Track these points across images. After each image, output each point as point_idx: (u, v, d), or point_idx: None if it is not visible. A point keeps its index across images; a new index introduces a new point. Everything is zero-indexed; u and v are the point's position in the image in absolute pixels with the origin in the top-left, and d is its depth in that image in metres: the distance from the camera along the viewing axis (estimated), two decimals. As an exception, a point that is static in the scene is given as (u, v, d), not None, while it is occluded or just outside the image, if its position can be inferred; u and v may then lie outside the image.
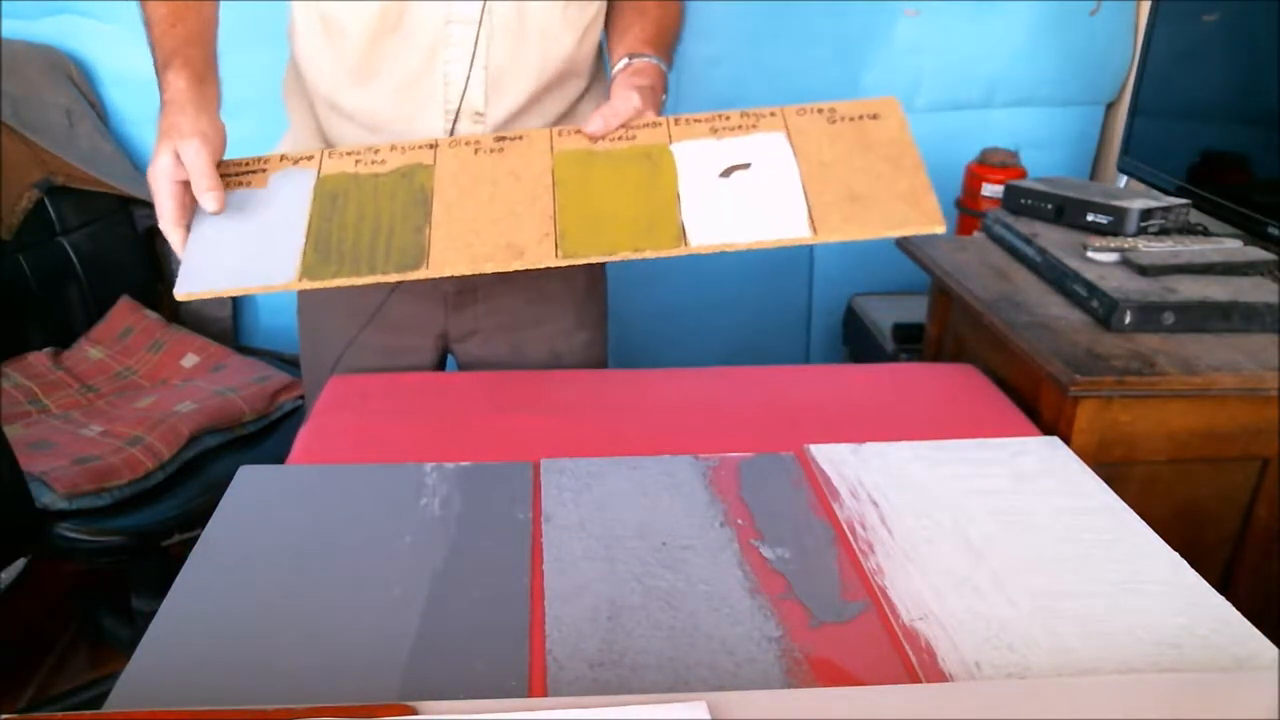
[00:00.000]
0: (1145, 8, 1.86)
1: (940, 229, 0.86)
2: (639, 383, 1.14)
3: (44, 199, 1.66)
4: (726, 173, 0.88)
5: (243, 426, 1.52)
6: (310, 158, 0.92)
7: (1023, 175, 1.77)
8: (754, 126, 0.91)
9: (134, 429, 1.42)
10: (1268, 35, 1.29)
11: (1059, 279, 1.20)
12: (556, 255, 0.85)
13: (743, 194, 0.87)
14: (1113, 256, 1.21)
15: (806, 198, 0.86)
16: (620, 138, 0.92)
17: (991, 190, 1.78)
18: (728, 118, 0.92)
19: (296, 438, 1.00)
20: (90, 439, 1.41)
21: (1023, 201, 1.40)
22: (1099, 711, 0.61)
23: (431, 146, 0.93)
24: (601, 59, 1.11)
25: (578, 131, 0.93)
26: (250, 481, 0.89)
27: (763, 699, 0.61)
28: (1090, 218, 1.31)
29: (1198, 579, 0.75)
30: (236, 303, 1.98)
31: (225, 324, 1.94)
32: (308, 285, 0.85)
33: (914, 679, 0.65)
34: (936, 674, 0.66)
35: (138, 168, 1.86)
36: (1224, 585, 0.82)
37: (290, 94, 1.10)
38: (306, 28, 1.04)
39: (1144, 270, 1.16)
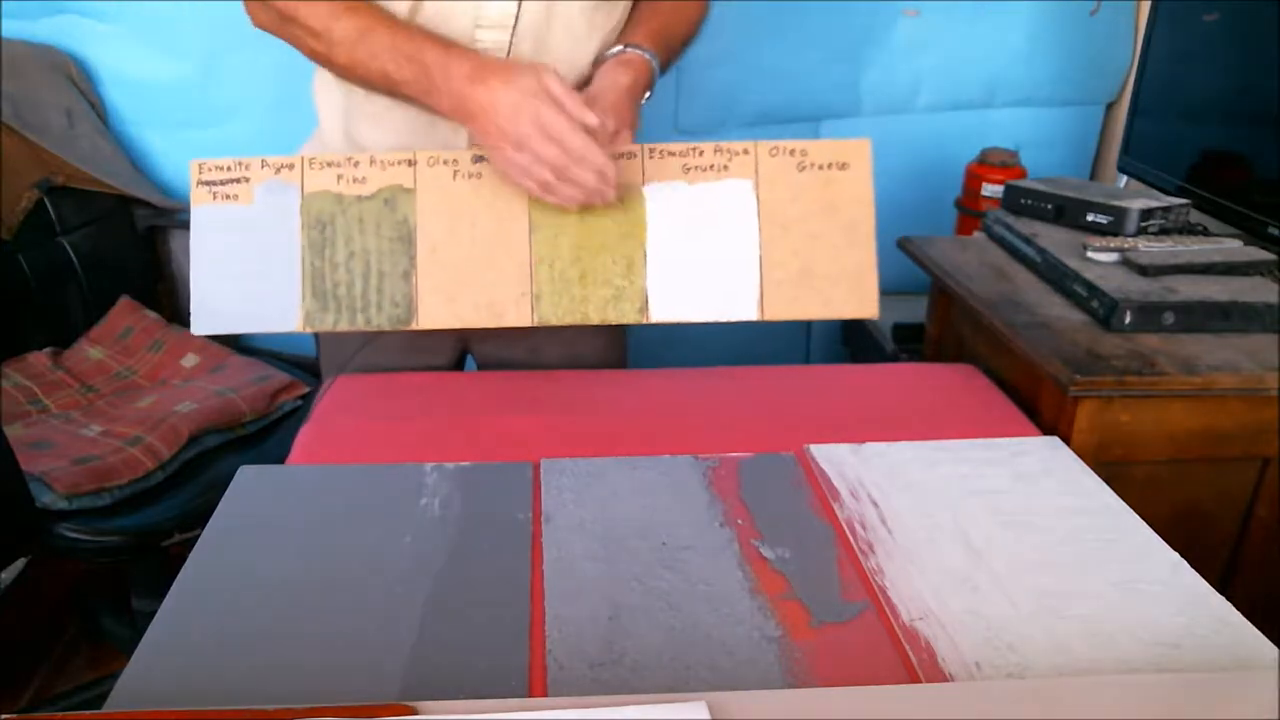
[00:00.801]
0: (1145, 8, 1.86)
1: (874, 316, 0.95)
2: (639, 383, 1.14)
3: (44, 199, 1.66)
4: (690, 234, 0.94)
5: (243, 426, 1.52)
6: (291, 166, 0.93)
7: (1023, 175, 1.77)
8: (725, 168, 0.94)
9: (134, 429, 1.42)
10: (1268, 35, 1.29)
11: (1059, 279, 1.20)
12: (532, 318, 0.93)
13: (702, 263, 0.93)
14: (1113, 256, 1.21)
15: (761, 274, 0.93)
16: None
17: (991, 190, 1.78)
18: (701, 153, 0.94)
19: (296, 438, 1.00)
20: (90, 439, 1.41)
21: (1023, 201, 1.40)
22: (1099, 711, 0.61)
23: (410, 163, 0.94)
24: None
25: None
26: (250, 481, 0.89)
27: (763, 699, 0.61)
28: (1090, 218, 1.31)
29: (1198, 579, 0.75)
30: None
31: (225, 324, 1.94)
32: (310, 330, 0.92)
33: (914, 679, 0.65)
34: (936, 674, 0.66)
35: (138, 168, 1.86)
36: (1224, 585, 0.82)
37: (321, 96, 1.09)
38: None
39: (1144, 270, 1.16)
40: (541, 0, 0.97)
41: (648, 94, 1.01)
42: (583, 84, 1.05)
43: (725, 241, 0.93)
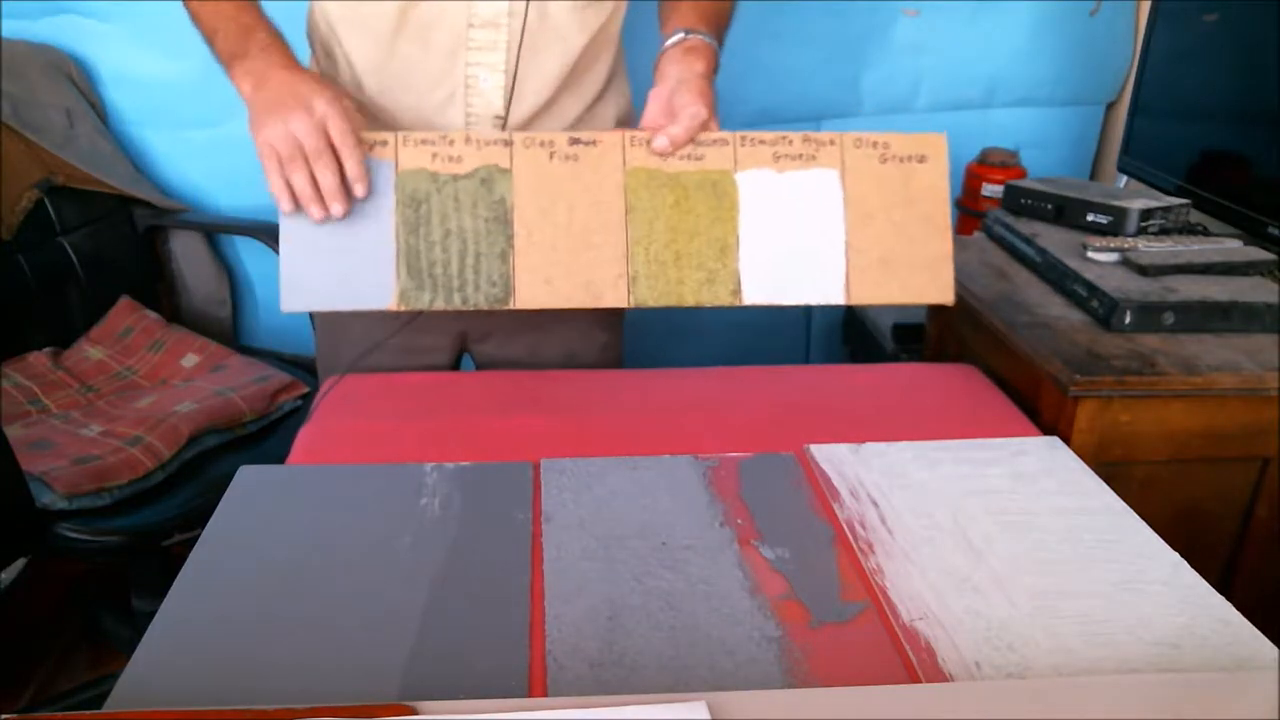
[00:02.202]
0: (1145, 8, 1.86)
1: (949, 303, 0.97)
2: (639, 383, 1.14)
3: (44, 199, 1.66)
4: (779, 220, 0.96)
5: (243, 426, 1.52)
6: (385, 143, 0.93)
7: (1023, 175, 1.78)
8: (813, 158, 0.96)
9: (134, 429, 1.42)
10: (1268, 35, 1.29)
11: (1059, 279, 1.20)
12: (630, 300, 0.93)
13: (792, 247, 0.95)
14: (1113, 256, 1.21)
15: (847, 258, 0.95)
16: (688, 155, 0.95)
17: (991, 190, 1.79)
18: (790, 142, 0.96)
19: (296, 438, 1.00)
20: (90, 439, 1.41)
21: (1023, 201, 1.40)
22: (1099, 711, 0.61)
23: (507, 143, 0.94)
24: (619, 59, 1.11)
25: (648, 140, 0.94)
26: (250, 481, 0.89)
27: (763, 699, 0.61)
28: (1090, 218, 1.31)
29: (1198, 579, 0.75)
30: (236, 303, 1.99)
31: (225, 324, 1.95)
32: (405, 309, 0.92)
33: (914, 679, 0.65)
34: (936, 674, 0.66)
35: (138, 168, 1.86)
36: (1224, 585, 0.82)
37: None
38: (326, 29, 1.04)
39: (1144, 270, 1.16)
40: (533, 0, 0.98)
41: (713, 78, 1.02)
42: (581, 79, 1.06)
43: (812, 228, 0.95)
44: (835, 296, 0.95)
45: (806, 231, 0.95)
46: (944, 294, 0.96)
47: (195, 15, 0.99)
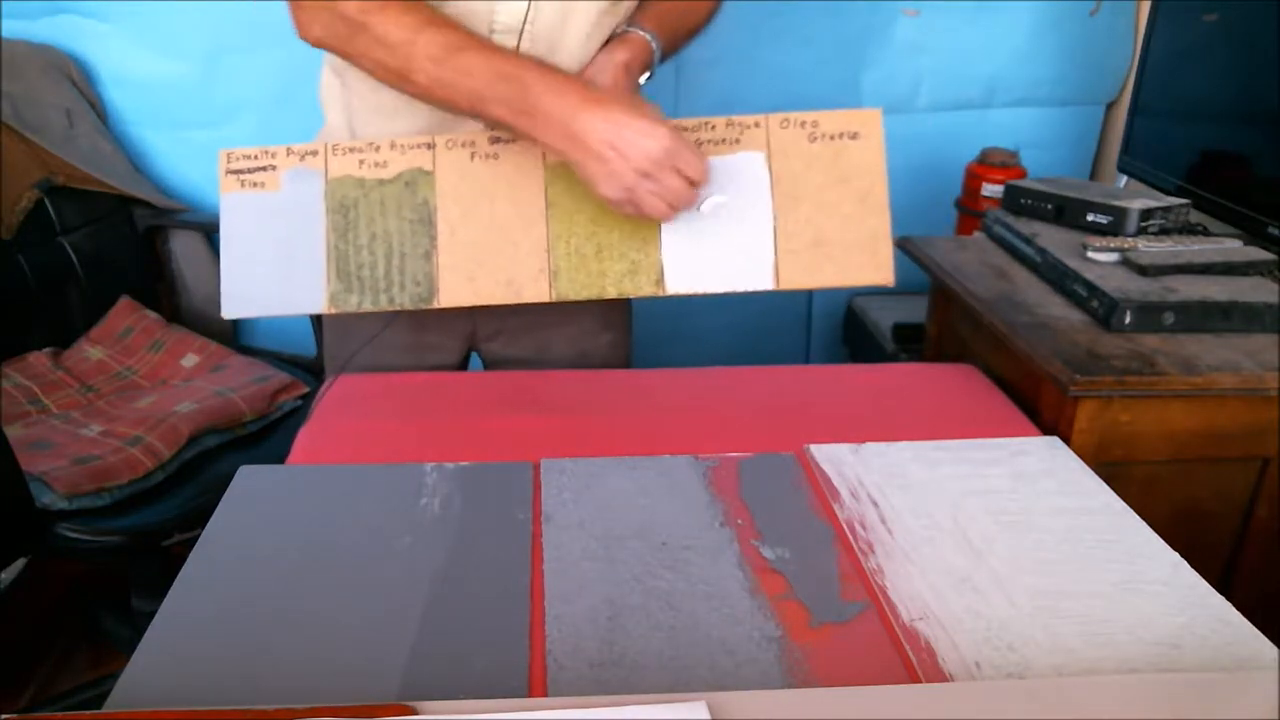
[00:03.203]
0: (1145, 8, 1.86)
1: (889, 283, 0.93)
2: (639, 383, 1.14)
3: (44, 199, 1.66)
4: (703, 205, 0.94)
5: (243, 426, 1.52)
6: (315, 153, 0.96)
7: (1023, 175, 1.78)
8: (737, 141, 0.95)
9: (134, 429, 1.42)
10: (1268, 35, 1.29)
11: (1059, 279, 1.20)
12: (550, 294, 0.94)
13: (717, 233, 0.94)
14: (1113, 256, 1.21)
15: (775, 243, 0.93)
16: None
17: (991, 190, 1.79)
18: (713, 127, 0.95)
19: (296, 438, 1.00)
20: (90, 439, 1.41)
21: (1023, 201, 1.40)
22: (1099, 711, 0.61)
23: (429, 146, 0.96)
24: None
25: None
26: (250, 481, 0.89)
27: (763, 699, 0.61)
28: (1090, 218, 1.31)
29: (1198, 579, 0.75)
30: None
31: (225, 324, 1.95)
32: (335, 311, 0.94)
33: (914, 679, 0.65)
34: (936, 674, 0.66)
35: (138, 168, 1.86)
36: (1224, 585, 0.82)
37: (328, 99, 1.09)
38: None
39: (1144, 270, 1.16)
40: (556, 1, 0.98)
41: (647, 74, 1.02)
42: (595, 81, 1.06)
43: (739, 213, 0.94)
44: (763, 282, 0.94)
45: (732, 216, 0.94)
46: (882, 273, 0.94)
47: (434, 93, 0.91)
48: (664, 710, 0.59)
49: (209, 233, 1.91)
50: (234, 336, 1.97)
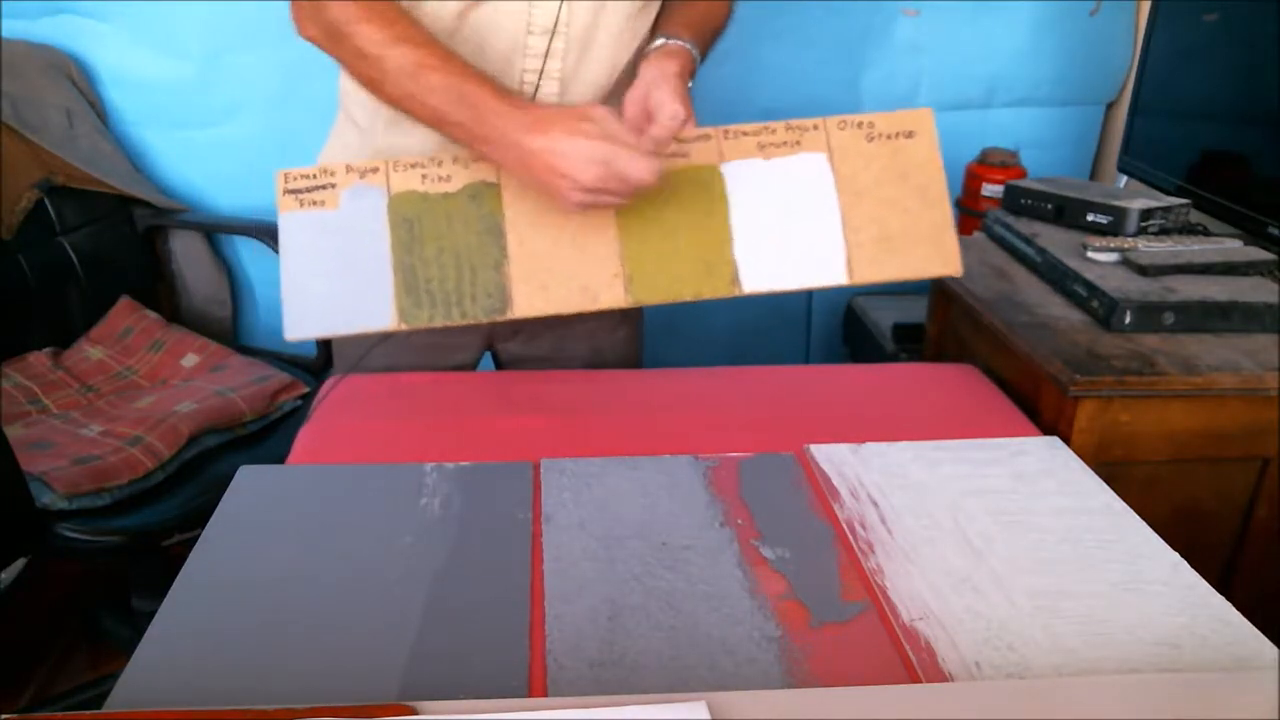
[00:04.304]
0: (1145, 8, 1.86)
1: (958, 273, 0.94)
2: (639, 383, 1.14)
3: (44, 199, 1.66)
4: (772, 207, 0.95)
5: (243, 426, 1.52)
6: (375, 170, 0.93)
7: (1023, 175, 1.78)
8: (798, 144, 0.96)
9: (134, 429, 1.42)
10: (1268, 35, 1.29)
11: (1059, 279, 1.20)
12: (627, 299, 0.93)
13: (787, 232, 0.94)
14: (1113, 256, 1.21)
15: (844, 237, 0.94)
16: (673, 153, 0.95)
17: (991, 190, 1.79)
18: (773, 131, 0.96)
19: (296, 438, 1.00)
20: (90, 439, 1.41)
21: (1023, 201, 1.40)
22: (1099, 711, 0.61)
23: None
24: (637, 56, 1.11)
25: None
26: (250, 481, 0.89)
27: (763, 699, 0.61)
28: (1090, 218, 1.31)
29: (1198, 579, 0.75)
30: (236, 303, 1.99)
31: (225, 324, 1.95)
32: (406, 328, 0.92)
33: (914, 679, 0.65)
34: (936, 674, 0.66)
35: (138, 168, 1.86)
36: (1224, 585, 0.82)
37: (349, 96, 1.08)
38: None
39: (1144, 270, 1.16)
40: (590, 1, 0.98)
41: (690, 83, 1.02)
42: (624, 85, 1.06)
43: (806, 212, 0.95)
44: (837, 277, 0.94)
45: (800, 215, 0.94)
46: (950, 265, 0.94)
47: (402, 106, 0.93)
48: (664, 710, 0.59)
49: (209, 233, 1.91)
50: (234, 336, 1.97)
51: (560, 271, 0.93)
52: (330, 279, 0.92)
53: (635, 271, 0.93)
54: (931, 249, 0.94)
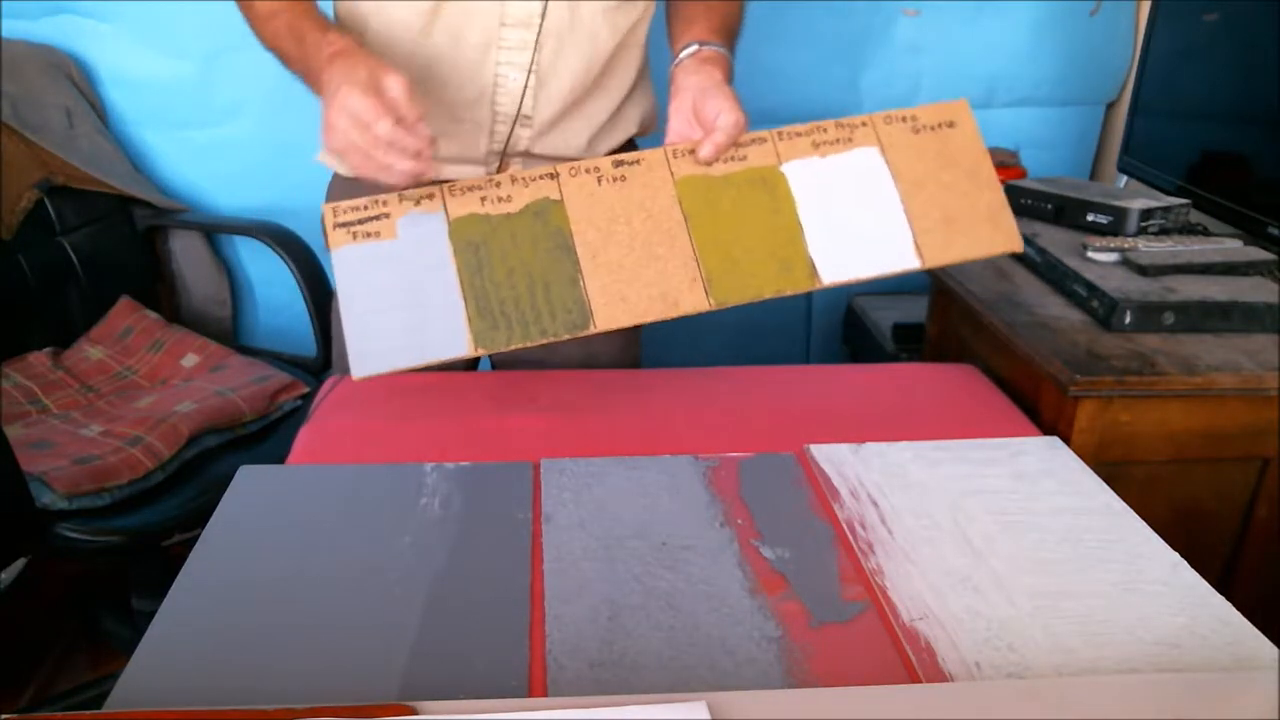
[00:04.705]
0: (1145, 8, 1.86)
1: (1019, 249, 0.96)
2: (639, 383, 1.14)
3: (44, 199, 1.66)
4: (835, 201, 0.96)
5: (243, 426, 1.52)
6: (431, 196, 0.92)
7: (1023, 175, 1.78)
8: (850, 140, 0.98)
9: (134, 429, 1.42)
10: (1268, 35, 1.29)
11: (1059, 279, 1.20)
12: (709, 302, 0.92)
13: (854, 223, 0.95)
14: (1113, 256, 1.21)
15: (910, 224, 0.95)
16: (731, 158, 0.95)
17: (991, 190, 1.78)
18: (825, 130, 0.98)
19: (296, 438, 1.00)
20: (90, 439, 1.41)
21: (1023, 201, 1.40)
22: (1099, 711, 0.61)
23: (553, 176, 0.94)
24: (645, 61, 1.12)
25: (691, 151, 0.95)
26: (250, 481, 0.89)
27: (763, 699, 0.61)
28: (1090, 218, 1.31)
29: (1198, 579, 0.75)
30: (236, 303, 1.99)
31: (225, 324, 1.95)
32: (484, 352, 0.90)
33: (914, 679, 0.65)
34: (936, 674, 0.66)
35: (138, 168, 1.86)
36: (1224, 585, 0.82)
37: None
38: (357, 23, 1.04)
39: (1144, 270, 1.16)
40: (565, 0, 0.98)
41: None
42: (608, 81, 1.07)
43: (869, 203, 0.96)
44: (910, 262, 0.95)
45: (864, 207, 0.96)
46: (1011, 241, 0.96)
47: (264, 43, 1.01)
48: (664, 710, 0.59)
49: (209, 233, 1.91)
50: (234, 336, 1.97)
51: (638, 281, 0.92)
52: (395, 311, 0.90)
53: (713, 274, 0.93)
54: (992, 228, 0.96)
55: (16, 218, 1.61)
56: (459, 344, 0.89)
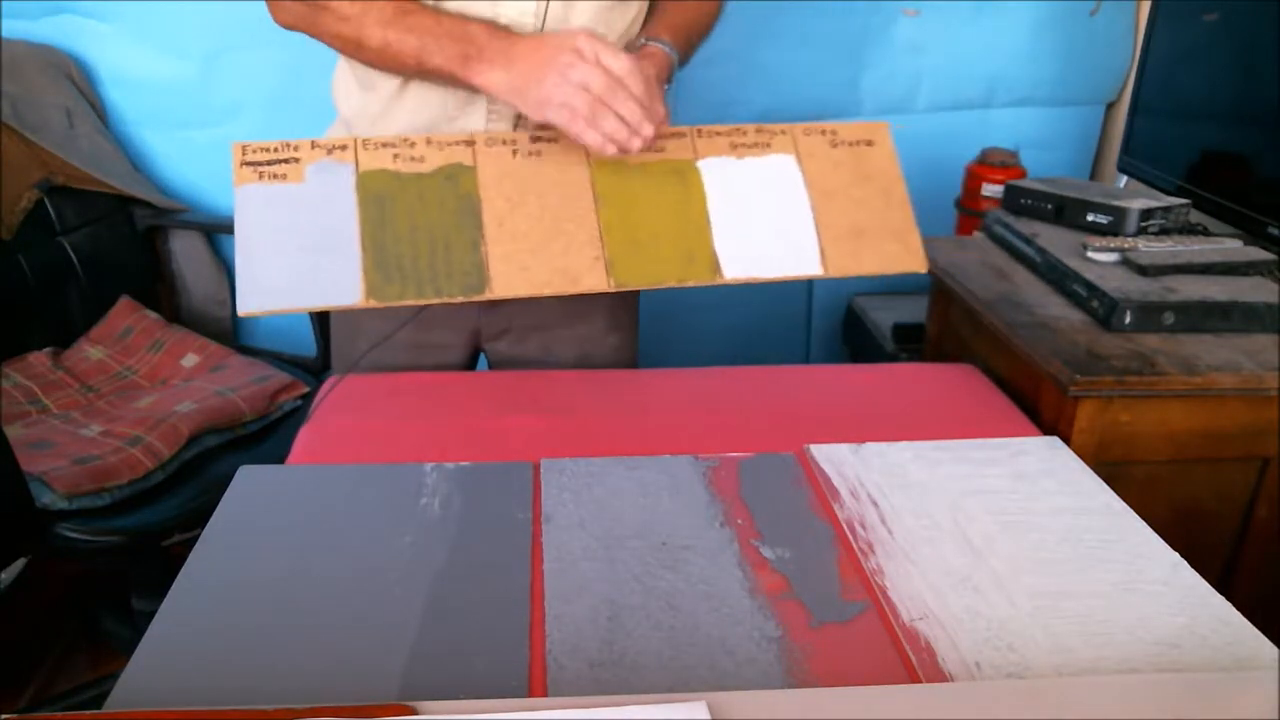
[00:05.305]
0: (1145, 8, 1.86)
1: (924, 269, 0.99)
2: (639, 383, 1.14)
3: (44, 199, 1.66)
4: (747, 202, 0.98)
5: (243, 426, 1.52)
6: (344, 147, 0.93)
7: (1023, 175, 1.77)
8: (768, 145, 1.00)
9: (134, 429, 1.42)
10: (1268, 35, 1.29)
11: (1059, 279, 1.20)
12: (609, 282, 0.93)
13: (763, 225, 0.97)
14: (1113, 256, 1.21)
15: (817, 232, 0.97)
16: (649, 148, 0.96)
17: (991, 190, 1.78)
18: (744, 133, 1.00)
19: (296, 438, 1.00)
20: (90, 439, 1.41)
21: (1023, 201, 1.40)
22: (1099, 711, 0.61)
23: (469, 144, 0.95)
24: None
25: None
26: (250, 481, 0.89)
27: (763, 699, 0.61)
28: (1090, 218, 1.31)
29: (1198, 579, 0.75)
30: (236, 303, 1.98)
31: (225, 324, 1.95)
32: (374, 305, 0.89)
33: (914, 679, 0.65)
34: (936, 674, 0.66)
35: (138, 168, 1.86)
36: (1224, 585, 0.82)
37: (338, 91, 1.10)
38: None
39: (1144, 270, 1.16)
40: (559, 0, 0.99)
41: (667, 85, 1.04)
42: None
43: (779, 207, 0.98)
44: (812, 268, 0.97)
45: (774, 210, 0.98)
46: (916, 261, 0.99)
47: (386, 52, 0.97)
48: (664, 710, 0.59)
49: (209, 233, 1.91)
50: (234, 336, 1.97)
51: (540, 253, 0.93)
52: (291, 254, 0.90)
53: (616, 256, 0.94)
54: (900, 246, 0.99)
55: (16, 218, 1.61)
56: (351, 292, 0.89)
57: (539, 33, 0.98)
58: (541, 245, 0.93)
